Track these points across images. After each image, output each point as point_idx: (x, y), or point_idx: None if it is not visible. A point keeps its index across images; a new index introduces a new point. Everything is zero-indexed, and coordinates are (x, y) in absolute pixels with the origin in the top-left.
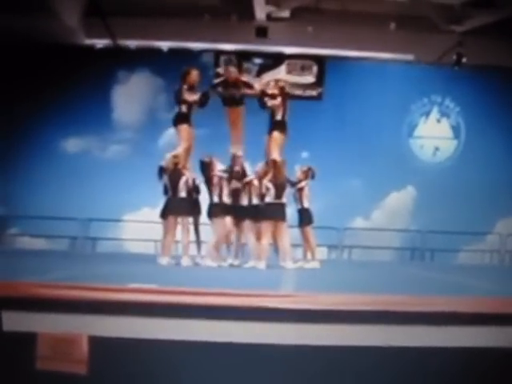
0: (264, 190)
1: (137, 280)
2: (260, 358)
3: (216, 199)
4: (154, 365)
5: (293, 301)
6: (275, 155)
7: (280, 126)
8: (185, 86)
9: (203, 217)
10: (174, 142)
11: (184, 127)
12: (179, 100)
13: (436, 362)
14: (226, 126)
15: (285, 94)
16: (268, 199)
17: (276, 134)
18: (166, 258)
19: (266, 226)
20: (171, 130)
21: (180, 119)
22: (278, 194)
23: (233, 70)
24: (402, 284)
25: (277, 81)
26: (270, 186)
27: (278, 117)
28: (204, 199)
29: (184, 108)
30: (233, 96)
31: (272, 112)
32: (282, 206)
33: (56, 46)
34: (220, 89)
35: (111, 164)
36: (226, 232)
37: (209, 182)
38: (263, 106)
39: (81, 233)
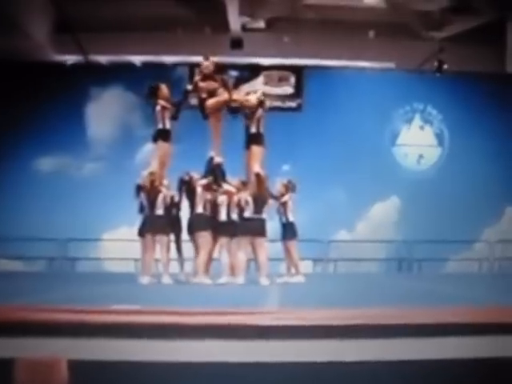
0: (243, 204)
1: (118, 300)
2: (244, 378)
3: (200, 210)
4: None
5: (276, 317)
6: (257, 168)
7: (257, 138)
8: (160, 102)
9: (185, 234)
10: (149, 158)
11: (163, 145)
12: (162, 116)
13: (429, 376)
14: (201, 140)
15: (263, 107)
16: (247, 214)
17: (255, 148)
18: (147, 276)
19: (245, 241)
20: (148, 147)
21: (160, 135)
22: (258, 209)
23: (207, 64)
24: (391, 296)
25: (255, 92)
26: (250, 199)
27: (254, 129)
28: (185, 216)
29: (167, 124)
30: (212, 90)
31: (247, 125)
32: (262, 222)
33: (26, 64)
34: (198, 86)
35: (87, 182)
36: (209, 246)
37: (191, 195)
38: (234, 113)
39: (59, 253)
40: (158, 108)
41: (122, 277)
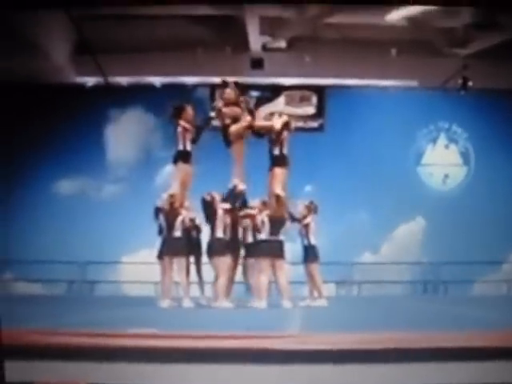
0: (259, 225)
1: (137, 324)
2: None
3: (220, 234)
4: None
5: (299, 341)
6: (278, 190)
7: (280, 160)
8: (182, 123)
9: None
10: (170, 180)
11: (183, 166)
12: (184, 138)
13: None
14: (223, 161)
15: (289, 129)
16: (263, 235)
17: (277, 170)
18: (167, 300)
19: (264, 264)
20: (168, 168)
21: (180, 157)
22: (275, 230)
23: (229, 91)
24: (416, 320)
25: (279, 115)
26: (266, 220)
27: (277, 151)
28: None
29: (187, 146)
30: (236, 116)
31: (271, 147)
32: (280, 244)
33: (46, 86)
34: (222, 112)
35: (107, 204)
36: (230, 270)
37: (212, 217)
38: (259, 136)
39: (78, 276)
40: (180, 129)
41: (141, 300)
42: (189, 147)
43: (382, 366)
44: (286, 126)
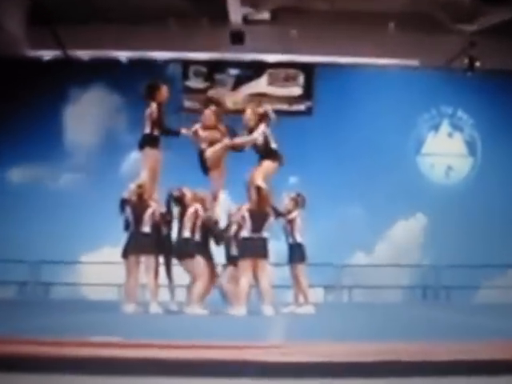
0: (240, 221)
1: (98, 332)
2: None
3: (187, 234)
4: None
5: (282, 352)
6: (259, 181)
7: (268, 154)
8: (154, 105)
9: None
10: (138, 168)
11: (151, 152)
12: (152, 121)
13: None
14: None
15: (267, 119)
16: (245, 233)
17: (265, 162)
18: (132, 304)
19: (245, 265)
20: (134, 155)
21: (148, 142)
22: (257, 227)
23: (209, 114)
24: (414, 329)
25: (253, 109)
26: (247, 216)
27: (263, 148)
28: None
29: (155, 130)
30: (214, 141)
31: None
32: (263, 241)
33: None
34: (198, 134)
35: (65, 196)
36: (206, 273)
37: (181, 215)
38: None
39: (31, 277)
40: (149, 111)
41: (103, 305)
42: (156, 131)
43: (376, 380)
44: (262, 119)
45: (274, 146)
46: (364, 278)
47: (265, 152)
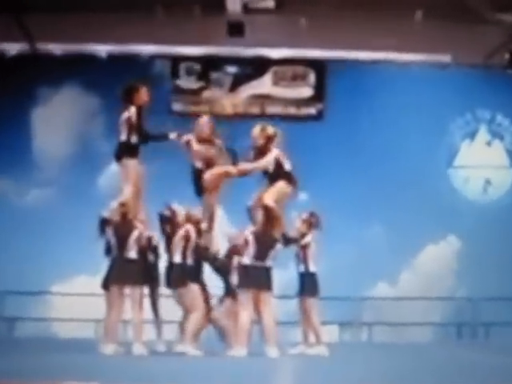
0: (242, 244)
1: (72, 376)
2: None
3: (178, 259)
4: None
5: None
6: (268, 200)
7: (283, 176)
8: (132, 109)
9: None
10: (118, 182)
11: (131, 162)
12: (130, 126)
13: None
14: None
15: (275, 142)
16: (246, 259)
17: (279, 183)
18: (111, 344)
19: (246, 298)
20: (113, 167)
21: (125, 151)
22: (261, 254)
23: (204, 122)
24: (447, 374)
25: (262, 129)
26: (251, 239)
27: (276, 169)
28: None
29: (133, 137)
30: (209, 158)
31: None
32: (267, 271)
33: None
34: (192, 148)
35: (33, 214)
36: (199, 305)
37: (169, 238)
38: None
39: None
40: (126, 115)
41: (77, 344)
42: (134, 139)
43: None
44: (270, 140)
45: (288, 167)
46: (387, 313)
47: (277, 175)
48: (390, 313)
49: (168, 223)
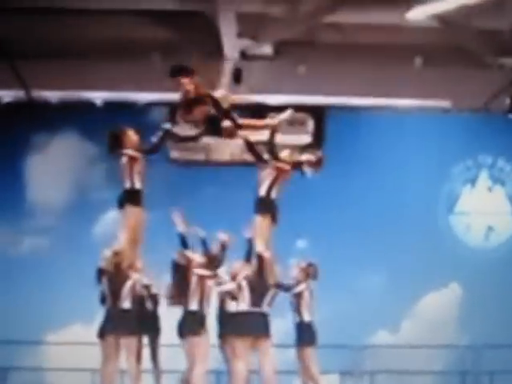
0: (235, 290)
1: None
2: None
3: (195, 306)
4: None
5: None
6: (260, 247)
7: (265, 205)
8: (128, 152)
9: (165, 337)
10: (115, 231)
11: (132, 211)
12: (130, 172)
13: None
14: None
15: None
16: (242, 306)
17: (259, 219)
18: None
19: (243, 345)
20: (110, 215)
21: (129, 198)
22: (256, 300)
23: (186, 81)
24: None
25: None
26: (244, 285)
27: (263, 192)
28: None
29: (136, 182)
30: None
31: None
32: (264, 318)
33: None
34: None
35: (27, 263)
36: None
37: (183, 285)
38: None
39: None
40: (125, 160)
41: None
42: (138, 184)
43: None
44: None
45: (273, 195)
46: (388, 361)
47: (261, 199)
48: (391, 361)
49: (182, 270)
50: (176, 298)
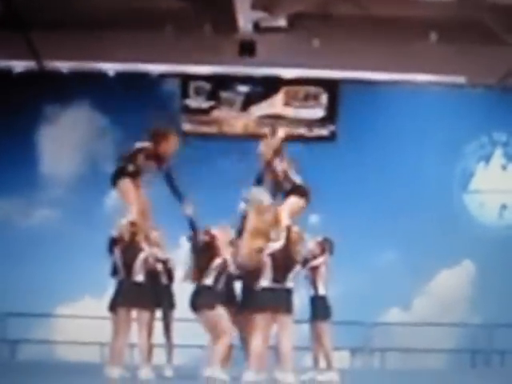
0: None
1: None
2: None
3: (208, 282)
4: None
5: None
6: (287, 220)
7: (295, 191)
8: (150, 147)
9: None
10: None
11: (128, 185)
12: (135, 157)
13: None
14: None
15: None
16: (265, 282)
17: (292, 199)
18: (118, 367)
19: (262, 320)
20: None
21: (121, 175)
22: (280, 275)
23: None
24: None
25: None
26: (269, 261)
27: (288, 185)
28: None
29: (130, 166)
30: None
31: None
32: (287, 293)
33: None
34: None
35: (38, 235)
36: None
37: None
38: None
39: None
40: (140, 146)
41: (82, 367)
42: (131, 167)
43: None
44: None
45: (297, 180)
46: (400, 339)
47: (288, 189)
48: (402, 339)
49: (204, 247)
50: (195, 275)
